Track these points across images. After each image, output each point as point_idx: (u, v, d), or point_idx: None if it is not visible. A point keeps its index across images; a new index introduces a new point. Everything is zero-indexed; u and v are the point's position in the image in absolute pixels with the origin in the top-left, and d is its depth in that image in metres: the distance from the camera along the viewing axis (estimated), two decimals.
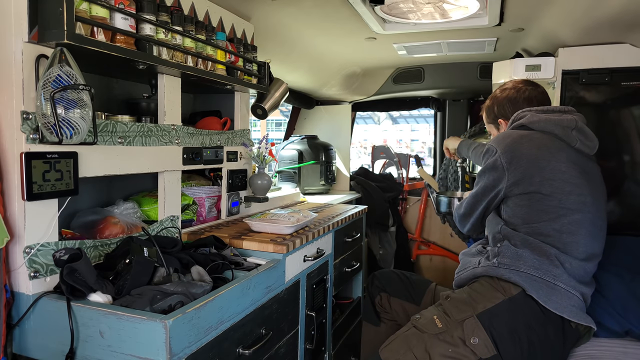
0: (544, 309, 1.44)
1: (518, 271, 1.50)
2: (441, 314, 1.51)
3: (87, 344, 1.09)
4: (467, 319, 1.45)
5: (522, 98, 1.80)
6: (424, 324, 1.51)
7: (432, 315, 1.52)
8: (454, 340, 1.43)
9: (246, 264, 1.53)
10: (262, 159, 2.10)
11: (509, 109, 1.82)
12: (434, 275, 3.94)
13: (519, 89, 1.82)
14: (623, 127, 2.22)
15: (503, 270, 1.52)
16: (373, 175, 4.07)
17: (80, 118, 1.15)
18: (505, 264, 1.53)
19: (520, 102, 1.80)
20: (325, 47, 2.62)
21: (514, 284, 1.49)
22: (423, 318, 1.54)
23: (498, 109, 1.86)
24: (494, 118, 1.88)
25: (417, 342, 1.48)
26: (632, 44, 2.16)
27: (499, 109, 1.86)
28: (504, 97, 1.84)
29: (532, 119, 1.69)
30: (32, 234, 1.17)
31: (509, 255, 1.54)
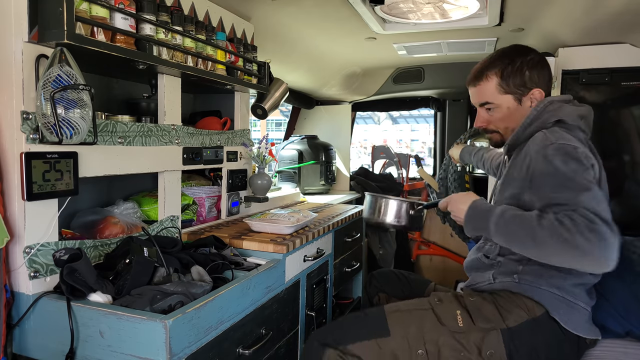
0: (564, 329, 1.37)
1: (540, 288, 1.39)
2: (464, 313, 1.41)
3: (87, 344, 1.09)
4: (491, 330, 1.37)
5: (550, 76, 1.49)
6: (444, 315, 1.41)
7: (455, 309, 1.42)
8: (469, 345, 1.37)
9: (246, 264, 1.53)
10: (262, 159, 2.10)
11: (546, 83, 1.47)
12: (434, 275, 3.94)
13: (542, 57, 1.49)
14: (623, 127, 2.22)
15: (525, 287, 1.41)
16: (373, 175, 4.07)
17: (80, 118, 1.15)
18: (526, 281, 1.41)
19: (548, 79, 1.49)
20: (325, 47, 2.62)
21: (537, 302, 1.39)
22: (444, 307, 1.43)
23: (532, 75, 1.45)
24: (521, 85, 1.45)
25: (431, 329, 1.40)
26: (632, 44, 2.17)
27: (536, 76, 1.45)
28: (541, 63, 1.47)
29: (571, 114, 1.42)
30: (32, 234, 1.17)
31: (530, 272, 1.41)
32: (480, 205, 1.37)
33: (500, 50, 1.53)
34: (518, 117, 1.47)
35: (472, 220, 1.36)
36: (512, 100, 1.47)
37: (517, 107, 1.47)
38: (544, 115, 1.42)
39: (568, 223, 1.15)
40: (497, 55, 1.50)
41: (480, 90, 1.51)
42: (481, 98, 1.51)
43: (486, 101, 1.50)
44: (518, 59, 1.45)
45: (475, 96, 1.54)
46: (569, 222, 1.15)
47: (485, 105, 1.51)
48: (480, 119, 1.55)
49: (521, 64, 1.44)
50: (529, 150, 1.36)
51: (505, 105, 1.48)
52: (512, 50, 1.49)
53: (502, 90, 1.46)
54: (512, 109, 1.47)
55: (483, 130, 1.58)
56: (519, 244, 1.25)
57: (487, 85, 1.48)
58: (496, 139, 1.57)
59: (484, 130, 1.58)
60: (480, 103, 1.53)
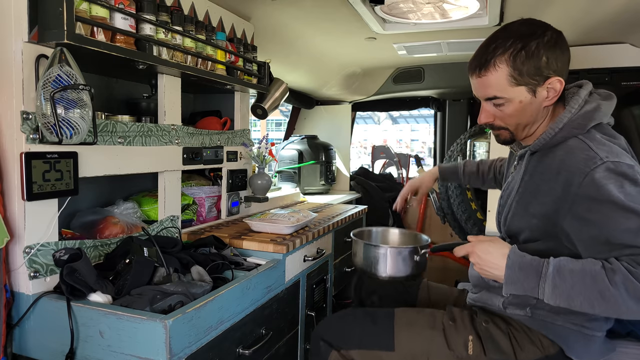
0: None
1: (555, 324, 1.26)
2: (476, 340, 1.30)
3: (87, 344, 1.09)
4: None
5: (569, 59, 1.20)
6: (454, 339, 1.31)
7: (467, 334, 1.31)
8: None
9: (246, 264, 1.53)
10: (262, 159, 2.10)
11: (565, 68, 1.18)
12: (434, 275, 3.94)
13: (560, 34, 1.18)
14: (623, 127, 2.22)
15: (539, 322, 1.28)
16: (373, 175, 4.08)
17: (80, 118, 1.15)
18: (540, 315, 1.27)
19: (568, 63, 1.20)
20: (325, 47, 2.61)
21: (552, 341, 1.28)
22: (456, 330, 1.32)
23: (551, 61, 1.14)
24: (536, 74, 1.15)
25: (437, 352, 1.31)
26: (632, 44, 2.17)
27: (555, 61, 1.15)
28: (560, 43, 1.16)
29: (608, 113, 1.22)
30: (32, 234, 1.17)
31: (545, 306, 1.26)
32: (521, 261, 1.12)
33: (506, 27, 1.21)
34: (532, 112, 1.20)
35: (517, 281, 1.11)
36: (525, 93, 1.17)
37: (532, 99, 1.18)
38: (579, 120, 1.17)
39: None
40: (505, 35, 1.18)
41: (486, 82, 1.19)
42: (488, 91, 1.20)
43: (494, 95, 1.19)
44: (533, 41, 1.14)
45: (479, 89, 1.23)
46: None
47: (493, 100, 1.21)
48: (485, 114, 1.25)
49: (537, 46, 1.13)
50: (564, 165, 1.13)
51: (517, 99, 1.18)
52: (523, 28, 1.18)
53: (514, 81, 1.16)
54: (525, 102, 1.18)
55: (488, 127, 1.31)
56: (585, 306, 1.04)
57: (495, 75, 1.17)
58: (505, 137, 1.29)
59: (489, 127, 1.30)
60: (486, 97, 1.22)
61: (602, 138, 1.16)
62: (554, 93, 1.17)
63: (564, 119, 1.18)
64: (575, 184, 1.10)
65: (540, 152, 1.24)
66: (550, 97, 1.18)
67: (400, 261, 1.41)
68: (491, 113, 1.25)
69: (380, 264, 1.41)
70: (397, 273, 1.41)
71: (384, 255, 1.41)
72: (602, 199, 1.06)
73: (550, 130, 1.19)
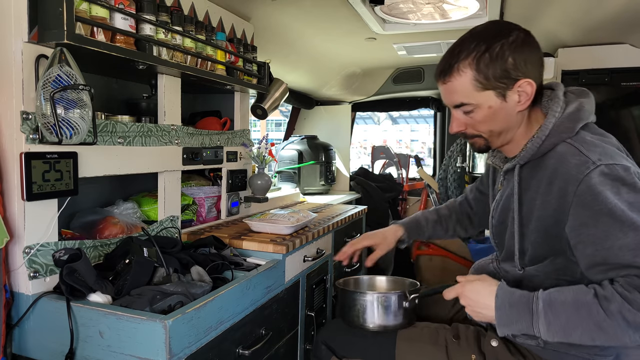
0: None
1: (568, 354, 1.19)
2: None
3: (86, 344, 1.09)
4: None
5: (542, 53, 1.14)
6: (456, 357, 1.27)
7: (470, 353, 1.26)
8: None
9: (246, 264, 1.53)
10: (262, 159, 2.10)
11: (536, 70, 1.12)
12: (434, 275, 3.94)
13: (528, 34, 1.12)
14: (623, 127, 2.22)
15: (550, 352, 1.21)
16: (373, 176, 4.08)
17: (80, 118, 1.15)
18: (553, 346, 1.19)
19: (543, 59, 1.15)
20: (325, 47, 2.62)
21: None
22: (459, 348, 1.27)
23: (518, 62, 1.08)
24: (504, 77, 1.09)
25: None
26: (632, 44, 2.17)
27: (523, 62, 1.09)
28: (528, 43, 1.10)
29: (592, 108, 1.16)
30: (31, 234, 1.17)
31: None
32: (510, 298, 1.06)
33: (472, 30, 1.14)
34: (504, 117, 1.14)
35: (510, 323, 1.06)
36: (494, 97, 1.11)
37: (502, 104, 1.12)
38: (566, 123, 1.11)
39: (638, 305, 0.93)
40: (469, 38, 1.12)
41: (451, 88, 1.14)
42: (455, 98, 1.15)
43: (461, 102, 1.14)
44: (497, 42, 1.08)
45: (446, 95, 1.18)
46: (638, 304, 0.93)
47: (461, 107, 1.16)
48: (456, 122, 1.20)
49: (502, 48, 1.07)
50: (556, 174, 1.08)
51: (486, 104, 1.12)
52: (488, 30, 1.13)
53: (479, 86, 1.10)
54: (495, 107, 1.12)
55: (462, 136, 1.25)
56: (585, 339, 0.99)
57: (459, 81, 1.12)
58: (480, 144, 1.23)
59: (462, 136, 1.25)
60: (454, 104, 1.17)
61: (592, 139, 1.09)
62: (525, 97, 1.11)
63: (549, 124, 1.12)
64: (570, 193, 1.04)
65: (531, 163, 1.17)
66: (522, 101, 1.12)
67: (389, 308, 1.34)
68: (462, 121, 1.19)
69: (367, 314, 1.35)
70: (387, 322, 1.35)
71: (371, 303, 1.35)
72: (598, 210, 1.00)
73: (537, 138, 1.13)
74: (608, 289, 0.97)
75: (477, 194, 1.61)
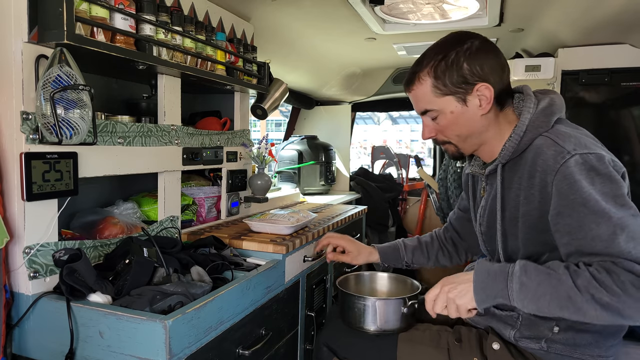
0: None
1: (572, 357, 1.20)
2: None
3: (86, 344, 1.09)
4: None
5: (504, 59, 1.20)
6: (459, 359, 1.27)
7: (472, 356, 1.27)
8: None
9: (246, 265, 1.53)
10: (262, 159, 2.11)
11: (495, 74, 1.17)
12: (434, 274, 3.94)
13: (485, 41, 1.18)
14: (623, 127, 2.22)
15: (554, 356, 1.21)
16: (373, 176, 4.08)
17: (80, 118, 1.15)
18: (557, 349, 1.20)
19: (505, 64, 1.20)
20: (325, 47, 2.62)
21: None
22: (461, 352, 1.28)
23: (473, 67, 1.14)
24: (461, 82, 1.15)
25: None
26: (632, 44, 2.17)
27: (478, 67, 1.14)
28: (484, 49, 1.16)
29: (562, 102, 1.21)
30: (31, 234, 1.17)
31: (563, 340, 1.20)
32: (488, 268, 1.10)
33: (437, 41, 1.22)
34: (467, 122, 1.19)
35: (486, 287, 1.08)
36: (454, 102, 1.18)
37: (463, 109, 1.18)
38: (541, 117, 1.16)
39: (607, 281, 0.96)
40: (430, 48, 1.21)
41: (415, 96, 1.23)
42: (420, 105, 1.23)
43: (425, 109, 1.22)
44: (452, 51, 1.15)
45: (414, 103, 1.26)
46: (608, 280, 0.96)
47: (427, 114, 1.23)
48: (426, 129, 1.26)
49: (457, 55, 1.14)
50: (535, 166, 1.11)
51: (447, 109, 1.19)
52: (446, 41, 1.20)
53: (439, 92, 1.17)
54: (457, 112, 1.18)
55: (434, 142, 1.31)
56: (553, 307, 1.02)
57: (421, 89, 1.20)
58: (452, 150, 1.28)
59: (435, 142, 1.31)
60: (420, 111, 1.25)
61: (567, 130, 1.13)
62: (485, 100, 1.16)
63: (525, 120, 1.16)
64: (550, 183, 1.08)
65: (512, 162, 1.20)
66: (483, 105, 1.16)
67: (388, 314, 1.35)
68: (431, 127, 1.25)
69: (367, 317, 1.36)
70: (387, 326, 1.36)
71: (373, 307, 1.35)
72: (573, 199, 1.03)
73: (515, 135, 1.17)
74: (581, 267, 1.01)
75: (460, 214, 1.60)
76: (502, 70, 1.19)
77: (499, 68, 1.18)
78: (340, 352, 1.42)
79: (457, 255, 1.64)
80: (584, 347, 1.18)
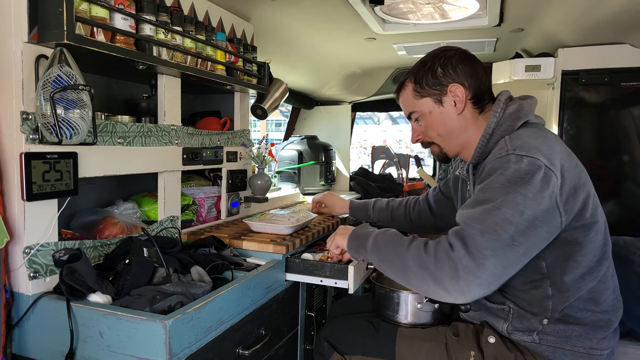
0: None
1: (564, 349, 1.24)
2: (479, 357, 1.29)
3: (86, 345, 1.09)
4: None
5: (480, 66, 1.33)
6: (455, 355, 1.31)
7: (469, 350, 1.30)
8: None
9: (246, 265, 1.53)
10: (262, 159, 2.10)
11: (469, 78, 1.30)
12: None
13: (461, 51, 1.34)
14: (623, 127, 2.22)
15: (545, 347, 1.25)
16: (373, 176, 4.07)
17: (80, 118, 1.15)
18: (549, 341, 1.24)
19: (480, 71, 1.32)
20: (325, 47, 2.62)
21: None
22: (458, 345, 1.31)
23: (447, 71, 1.29)
24: (435, 84, 1.30)
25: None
26: (632, 44, 2.17)
27: (451, 71, 1.29)
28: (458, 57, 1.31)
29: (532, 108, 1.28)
30: (31, 234, 1.17)
31: (554, 332, 1.24)
32: (363, 227, 1.35)
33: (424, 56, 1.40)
34: (445, 121, 1.33)
35: (353, 240, 1.32)
36: (431, 103, 1.33)
37: (440, 109, 1.32)
38: (507, 121, 1.24)
39: (431, 246, 1.08)
40: (417, 61, 1.38)
41: (402, 101, 1.41)
42: (405, 110, 1.41)
43: (409, 111, 1.39)
44: (430, 60, 1.33)
45: (403, 109, 1.43)
46: (432, 245, 1.08)
47: (411, 116, 1.39)
48: (414, 132, 1.43)
49: (432, 62, 1.32)
50: (489, 163, 1.19)
51: (425, 109, 1.34)
52: (431, 54, 1.37)
53: (418, 95, 1.34)
54: (434, 112, 1.33)
55: (422, 145, 1.45)
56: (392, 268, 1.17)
57: (404, 94, 1.38)
58: (437, 152, 1.42)
59: (422, 145, 1.44)
60: (407, 115, 1.41)
61: (525, 133, 1.20)
62: (459, 100, 1.29)
63: (492, 124, 1.26)
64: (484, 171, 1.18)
65: (483, 163, 1.27)
66: (457, 105, 1.30)
67: (422, 309, 1.45)
68: (417, 130, 1.41)
69: (402, 311, 1.47)
70: (417, 320, 1.46)
71: (405, 300, 1.46)
72: (482, 186, 1.13)
73: (483, 138, 1.26)
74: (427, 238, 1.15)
75: (440, 196, 1.78)
76: (479, 75, 1.31)
77: (474, 73, 1.30)
78: (340, 347, 1.44)
79: (418, 227, 1.86)
80: (575, 339, 1.23)
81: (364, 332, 1.44)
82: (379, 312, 1.52)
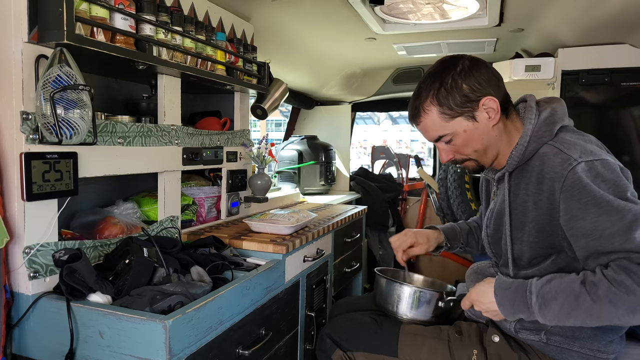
0: None
1: (571, 350, 1.24)
2: (481, 355, 1.29)
3: (86, 345, 1.09)
4: None
5: (492, 69, 1.25)
6: (458, 352, 1.31)
7: (472, 348, 1.30)
8: None
9: (246, 265, 1.53)
10: (262, 159, 2.10)
11: (493, 86, 1.22)
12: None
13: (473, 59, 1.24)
14: (623, 128, 2.22)
15: (553, 347, 1.25)
16: (373, 176, 4.07)
17: (80, 118, 1.15)
18: (556, 341, 1.24)
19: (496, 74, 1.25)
20: (325, 47, 2.62)
21: None
22: (461, 343, 1.32)
23: (472, 85, 1.19)
24: (465, 102, 1.19)
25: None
26: (632, 44, 2.17)
27: (476, 83, 1.19)
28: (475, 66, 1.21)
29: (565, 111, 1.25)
30: (31, 234, 1.17)
31: (561, 332, 1.24)
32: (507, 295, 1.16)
33: (426, 72, 1.27)
34: (482, 135, 1.23)
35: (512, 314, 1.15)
36: (465, 122, 1.21)
37: (475, 125, 1.22)
38: (543, 127, 1.21)
39: (627, 282, 0.99)
40: (425, 79, 1.25)
41: (425, 127, 1.27)
42: (432, 134, 1.27)
43: (438, 135, 1.25)
44: (447, 75, 1.20)
45: (424, 134, 1.30)
46: (627, 281, 0.99)
47: (441, 139, 1.26)
48: (444, 153, 1.30)
49: (453, 79, 1.19)
50: (543, 173, 1.15)
51: (460, 129, 1.22)
52: (437, 69, 1.24)
53: (447, 117, 1.21)
54: (469, 130, 1.22)
55: (453, 163, 1.34)
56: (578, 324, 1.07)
57: (428, 119, 1.24)
58: (472, 166, 1.31)
59: (454, 162, 1.34)
60: (433, 139, 1.28)
61: (571, 138, 1.18)
62: (493, 112, 1.21)
63: (528, 131, 1.21)
64: (557, 190, 1.12)
65: (519, 169, 1.24)
66: (492, 116, 1.21)
67: (427, 305, 1.42)
68: (448, 150, 1.29)
69: (403, 304, 1.43)
70: (417, 316, 1.42)
71: (410, 295, 1.42)
72: (585, 202, 1.07)
73: (520, 145, 1.22)
74: (598, 274, 1.04)
75: None
76: (498, 80, 1.24)
77: (495, 79, 1.23)
78: (343, 344, 1.45)
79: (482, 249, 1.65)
80: (583, 340, 1.22)
81: (366, 329, 1.44)
82: (383, 306, 1.47)
